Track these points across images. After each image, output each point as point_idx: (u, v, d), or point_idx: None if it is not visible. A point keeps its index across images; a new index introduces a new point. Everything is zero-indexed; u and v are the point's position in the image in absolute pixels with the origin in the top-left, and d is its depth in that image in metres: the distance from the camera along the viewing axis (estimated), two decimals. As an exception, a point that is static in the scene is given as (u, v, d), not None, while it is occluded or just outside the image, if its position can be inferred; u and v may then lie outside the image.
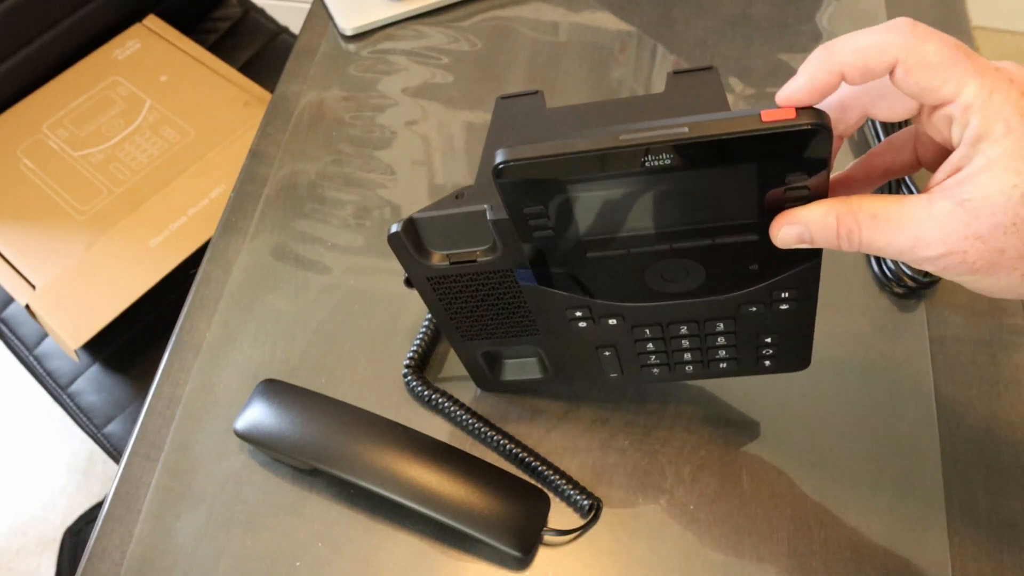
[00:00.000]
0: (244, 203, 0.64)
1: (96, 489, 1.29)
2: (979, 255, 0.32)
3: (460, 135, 0.68)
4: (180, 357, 0.56)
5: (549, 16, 0.76)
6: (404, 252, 0.42)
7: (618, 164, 0.34)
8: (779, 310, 0.42)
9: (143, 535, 0.49)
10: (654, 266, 0.40)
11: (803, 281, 0.41)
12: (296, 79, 0.72)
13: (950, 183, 0.32)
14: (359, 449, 0.48)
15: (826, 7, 0.75)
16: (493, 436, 0.51)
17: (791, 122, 0.32)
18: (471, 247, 0.42)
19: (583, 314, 0.44)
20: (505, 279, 0.43)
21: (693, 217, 0.37)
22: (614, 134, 0.33)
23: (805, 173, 0.34)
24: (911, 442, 0.51)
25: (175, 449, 0.52)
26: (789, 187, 0.35)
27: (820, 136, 0.32)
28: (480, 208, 0.40)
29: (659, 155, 0.33)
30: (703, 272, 0.40)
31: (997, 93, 0.31)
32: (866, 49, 0.32)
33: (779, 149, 0.33)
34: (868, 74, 0.32)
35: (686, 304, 0.43)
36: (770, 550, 0.48)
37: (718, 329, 0.44)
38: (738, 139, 0.32)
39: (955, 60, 0.31)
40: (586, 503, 0.48)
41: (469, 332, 0.47)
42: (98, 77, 1.01)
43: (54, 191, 0.91)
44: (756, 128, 0.32)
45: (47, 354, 0.91)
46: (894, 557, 0.47)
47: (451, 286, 0.44)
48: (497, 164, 0.35)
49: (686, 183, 0.35)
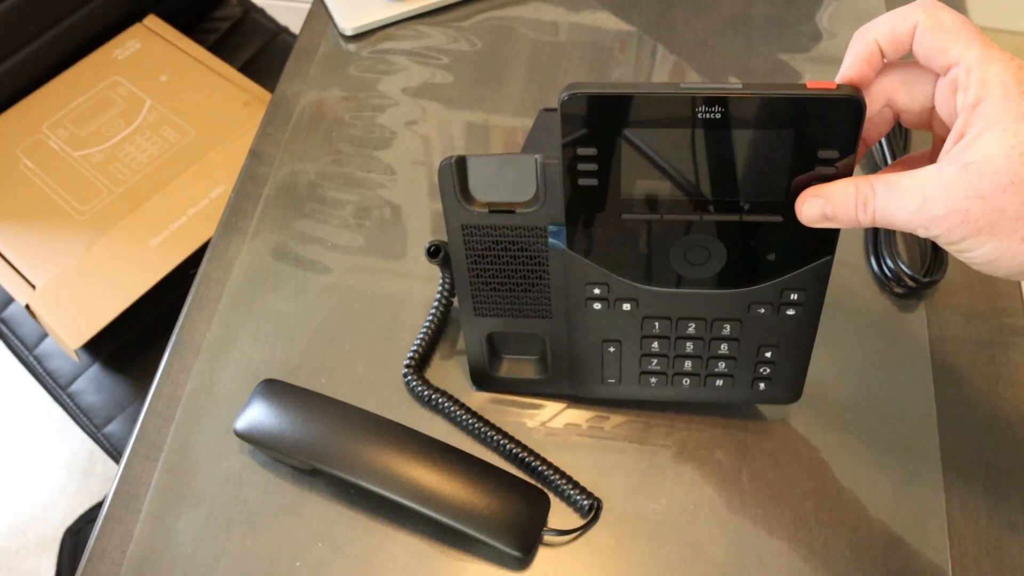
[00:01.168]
0: (244, 203, 0.64)
1: (96, 489, 1.29)
2: (981, 213, 0.33)
3: (460, 135, 0.68)
4: (180, 357, 0.56)
5: (549, 16, 0.76)
6: (449, 189, 0.43)
7: (674, 110, 0.37)
8: (785, 316, 0.44)
9: (143, 535, 0.49)
10: (680, 241, 0.42)
11: (813, 282, 0.43)
12: (296, 79, 0.72)
13: (955, 150, 0.35)
14: (359, 449, 0.48)
15: (826, 7, 0.75)
16: (493, 436, 0.51)
17: (831, 91, 0.36)
18: (514, 198, 0.44)
19: (601, 292, 0.45)
20: (536, 241, 0.45)
21: (727, 187, 0.40)
22: (675, 85, 0.37)
23: (836, 150, 0.37)
24: (911, 442, 0.51)
25: (175, 449, 0.52)
26: (819, 160, 0.38)
27: (854, 107, 0.36)
28: (532, 156, 0.42)
29: (712, 107, 0.37)
30: (724, 255, 0.43)
31: (997, 63, 0.34)
32: (892, 17, 0.36)
33: (817, 116, 0.37)
34: (896, 39, 0.36)
35: (699, 296, 0.44)
36: (770, 550, 0.48)
37: (724, 333, 0.45)
38: (783, 99, 0.37)
39: (966, 28, 0.35)
40: (586, 503, 0.48)
41: (484, 304, 0.48)
42: (98, 77, 1.00)
43: (54, 191, 0.91)
44: (800, 92, 0.36)
45: (47, 354, 0.91)
46: (894, 557, 0.47)
47: (482, 239, 0.45)
48: (564, 94, 0.38)
49: (728, 147, 0.38)
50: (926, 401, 0.52)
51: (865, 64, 0.37)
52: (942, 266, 0.56)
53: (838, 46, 0.72)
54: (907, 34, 0.36)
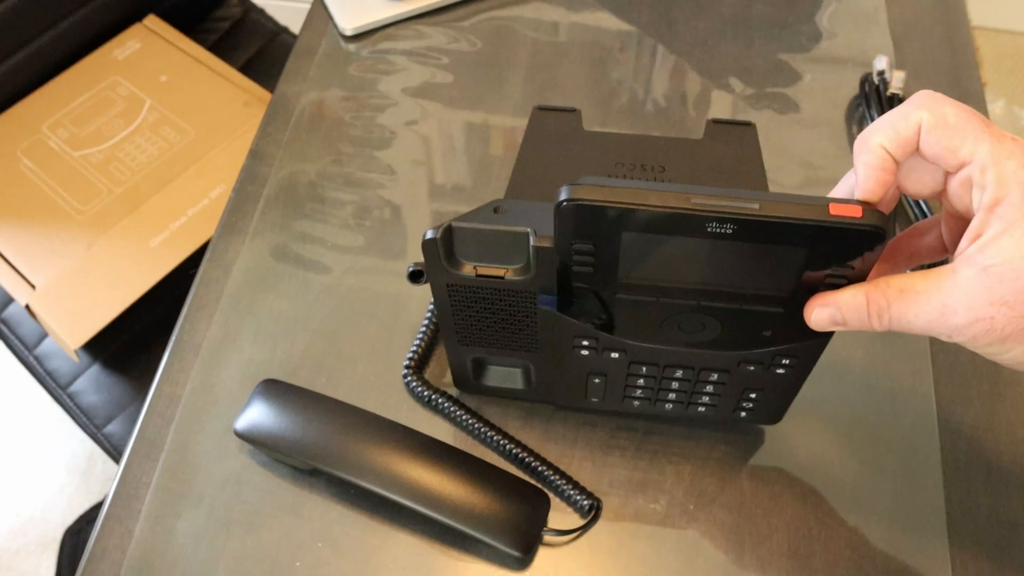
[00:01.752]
0: (244, 203, 0.64)
1: (96, 489, 1.29)
2: (1007, 321, 0.32)
3: (460, 135, 0.68)
4: (180, 357, 0.56)
5: (549, 16, 0.76)
6: (435, 259, 0.41)
7: (682, 224, 0.35)
8: (774, 373, 0.44)
9: (143, 535, 0.49)
10: (675, 316, 0.41)
11: (808, 354, 0.42)
12: (296, 79, 0.72)
13: (972, 250, 0.33)
14: (359, 449, 0.48)
15: (826, 7, 0.75)
16: (493, 436, 0.51)
17: (857, 220, 0.33)
18: (502, 264, 0.41)
19: (589, 344, 0.44)
20: (524, 299, 0.43)
21: (730, 282, 0.38)
22: (685, 195, 0.34)
23: (851, 267, 0.35)
24: (911, 442, 0.51)
25: (175, 449, 0.52)
26: (831, 274, 0.36)
27: (877, 238, 0.34)
28: (524, 230, 0.39)
29: (724, 224, 0.34)
30: (718, 329, 0.41)
31: (1012, 159, 0.32)
32: (893, 120, 0.34)
33: (837, 241, 0.34)
34: (901, 142, 0.34)
35: (689, 353, 0.43)
36: (770, 550, 0.48)
37: (711, 379, 0.45)
38: (803, 226, 0.34)
39: (971, 122, 0.33)
40: (586, 503, 0.48)
41: (469, 338, 0.47)
42: (98, 77, 1.00)
43: (54, 191, 0.91)
44: (823, 219, 0.33)
45: (47, 354, 0.91)
46: (894, 557, 0.47)
47: (469, 295, 0.44)
48: (562, 199, 0.35)
49: (736, 253, 0.36)
50: (926, 401, 0.52)
51: (881, 172, 0.35)
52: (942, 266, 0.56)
53: (838, 46, 0.72)
54: (912, 136, 0.34)
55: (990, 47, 1.79)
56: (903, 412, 0.52)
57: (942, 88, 0.69)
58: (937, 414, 0.52)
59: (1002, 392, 0.53)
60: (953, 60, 0.71)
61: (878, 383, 0.53)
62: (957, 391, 0.53)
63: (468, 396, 0.53)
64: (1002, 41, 1.80)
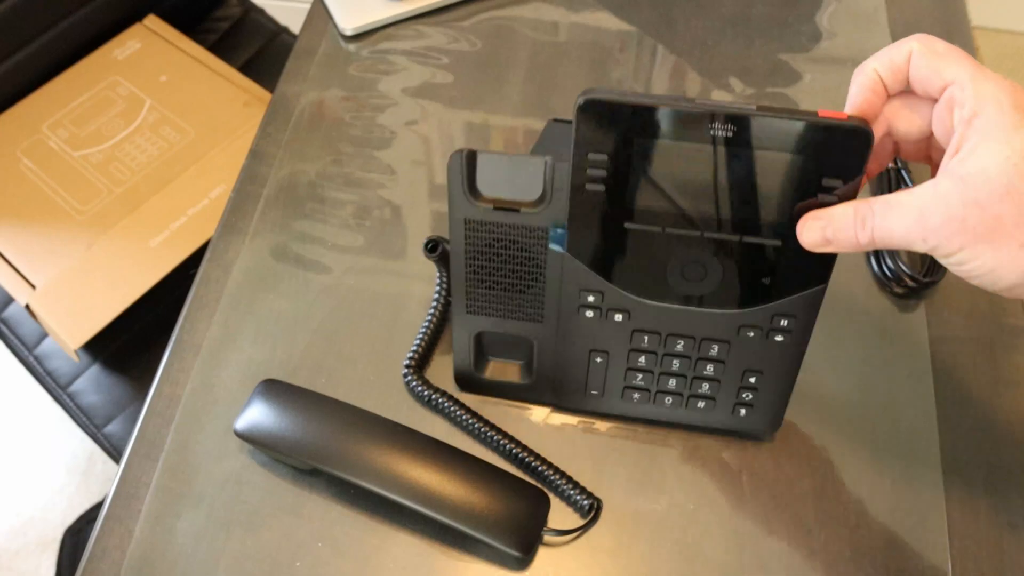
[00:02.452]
0: (244, 203, 0.64)
1: (96, 489, 1.29)
2: (978, 220, 0.34)
3: (460, 135, 0.68)
4: (180, 357, 0.56)
5: (549, 16, 0.76)
6: (457, 181, 0.44)
7: (689, 125, 0.38)
8: (773, 341, 0.45)
9: (143, 535, 0.49)
10: (679, 256, 0.43)
11: (804, 309, 0.44)
12: (296, 79, 0.72)
13: (952, 164, 0.35)
14: (359, 449, 0.48)
15: (826, 7, 0.75)
16: (493, 436, 0.51)
17: (842, 121, 0.37)
18: (519, 198, 0.44)
19: (594, 300, 0.45)
20: (536, 242, 0.45)
21: (731, 207, 0.41)
22: (691, 100, 0.38)
23: (841, 178, 0.38)
24: (911, 442, 0.51)
25: (175, 449, 0.52)
26: (823, 188, 0.39)
27: (863, 138, 0.37)
28: (543, 158, 0.43)
29: (725, 125, 0.38)
30: (720, 274, 0.43)
31: (990, 81, 0.36)
32: (888, 49, 0.38)
33: (826, 143, 0.38)
34: (894, 68, 0.38)
35: (691, 314, 0.45)
36: (770, 550, 0.48)
37: (711, 353, 0.46)
38: (795, 124, 0.37)
39: (958, 52, 0.37)
40: (586, 503, 0.48)
41: (477, 302, 0.48)
42: (98, 77, 1.00)
43: (54, 191, 0.91)
44: (812, 119, 0.37)
45: (47, 354, 0.91)
46: (894, 557, 0.47)
47: (484, 236, 0.45)
48: (582, 99, 0.38)
49: (736, 167, 0.39)
50: (926, 401, 0.52)
51: (871, 94, 0.39)
52: (942, 266, 0.56)
53: (838, 46, 0.72)
54: (904, 62, 0.38)
55: (990, 47, 1.79)
56: (903, 412, 0.52)
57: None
58: (937, 414, 0.52)
59: (1002, 392, 0.53)
60: (953, 60, 0.71)
61: (878, 383, 0.53)
62: (957, 391, 0.53)
63: (467, 396, 0.53)
64: (1002, 41, 1.80)
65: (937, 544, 0.48)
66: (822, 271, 0.42)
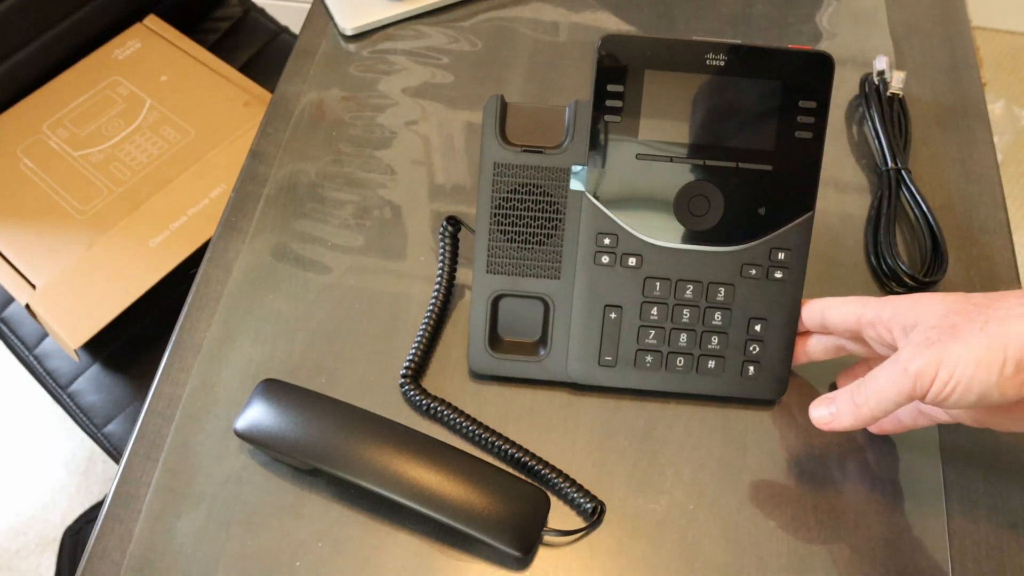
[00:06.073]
0: (244, 203, 0.64)
1: (96, 489, 1.29)
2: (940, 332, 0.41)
3: (460, 135, 0.68)
4: (180, 357, 0.56)
5: (549, 16, 0.76)
6: (491, 124, 0.50)
7: (688, 55, 0.47)
8: (773, 280, 0.49)
9: (143, 535, 0.49)
10: (684, 189, 0.49)
11: (797, 241, 0.49)
12: (296, 79, 0.72)
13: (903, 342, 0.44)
14: (359, 449, 0.48)
15: (826, 7, 0.75)
16: (494, 441, 0.51)
17: (807, 49, 0.47)
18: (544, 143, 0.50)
19: (610, 243, 0.50)
20: (558, 184, 0.50)
21: (726, 134, 0.48)
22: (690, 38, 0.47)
23: (813, 100, 0.47)
24: (911, 442, 0.51)
25: (175, 449, 0.52)
26: (800, 110, 0.47)
27: (825, 61, 0.47)
28: (563, 106, 0.50)
29: (718, 55, 0.47)
30: (721, 206, 0.49)
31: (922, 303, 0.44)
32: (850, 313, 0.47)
33: (796, 68, 0.47)
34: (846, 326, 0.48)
35: (697, 255, 0.49)
36: (770, 550, 0.48)
37: (718, 298, 0.50)
38: (772, 51, 0.47)
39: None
40: (589, 505, 0.48)
41: (496, 258, 0.51)
42: (98, 77, 1.00)
43: (54, 191, 0.91)
44: (784, 48, 0.47)
45: (47, 354, 0.91)
46: (894, 557, 0.47)
47: (510, 180, 0.50)
48: (601, 41, 0.47)
49: (727, 94, 0.48)
50: (926, 401, 0.52)
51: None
52: (942, 266, 0.56)
53: (838, 46, 0.72)
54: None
55: (990, 47, 1.79)
56: (903, 412, 0.52)
57: (942, 88, 0.69)
58: (937, 414, 0.52)
59: (1002, 392, 0.53)
60: (953, 60, 0.71)
61: (878, 383, 0.53)
62: (957, 391, 0.53)
63: (466, 401, 0.53)
64: (1002, 41, 1.80)
65: (937, 544, 0.48)
66: (808, 198, 0.49)
